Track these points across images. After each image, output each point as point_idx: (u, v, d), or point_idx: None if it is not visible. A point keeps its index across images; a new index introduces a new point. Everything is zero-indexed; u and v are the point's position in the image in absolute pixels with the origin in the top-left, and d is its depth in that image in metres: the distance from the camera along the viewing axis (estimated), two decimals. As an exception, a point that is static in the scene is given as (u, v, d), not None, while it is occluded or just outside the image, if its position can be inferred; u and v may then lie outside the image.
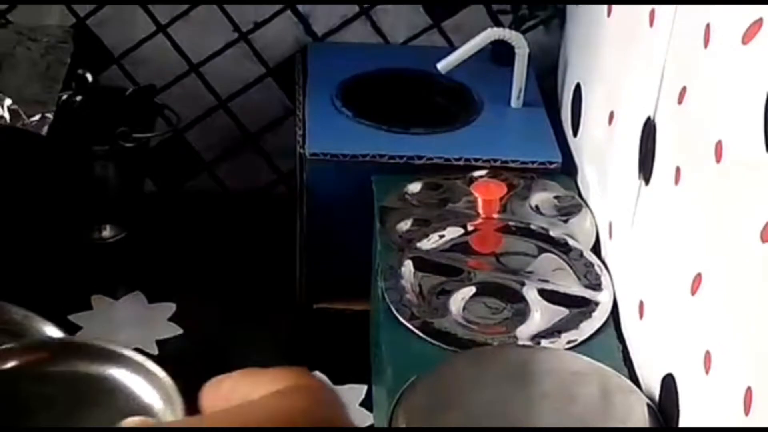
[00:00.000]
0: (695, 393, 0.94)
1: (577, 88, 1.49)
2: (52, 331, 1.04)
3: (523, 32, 1.57)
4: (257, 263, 1.65)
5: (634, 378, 1.10)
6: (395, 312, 1.21)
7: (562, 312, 1.21)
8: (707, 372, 0.90)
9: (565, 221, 1.37)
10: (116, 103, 1.62)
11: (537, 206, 1.40)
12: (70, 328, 1.44)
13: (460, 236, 1.34)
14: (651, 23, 1.15)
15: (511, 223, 1.35)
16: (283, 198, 1.71)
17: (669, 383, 1.00)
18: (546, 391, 1.06)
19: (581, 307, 1.22)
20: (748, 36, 0.87)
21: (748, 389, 0.82)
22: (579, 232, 1.35)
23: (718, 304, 0.90)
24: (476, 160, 1.45)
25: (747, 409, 0.82)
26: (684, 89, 1.03)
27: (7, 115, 1.43)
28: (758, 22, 0.86)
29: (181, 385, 0.52)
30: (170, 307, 1.53)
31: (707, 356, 0.90)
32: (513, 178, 1.43)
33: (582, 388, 1.04)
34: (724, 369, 0.88)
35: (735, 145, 0.89)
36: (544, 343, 1.16)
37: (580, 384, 1.05)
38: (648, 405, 1.03)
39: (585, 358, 1.10)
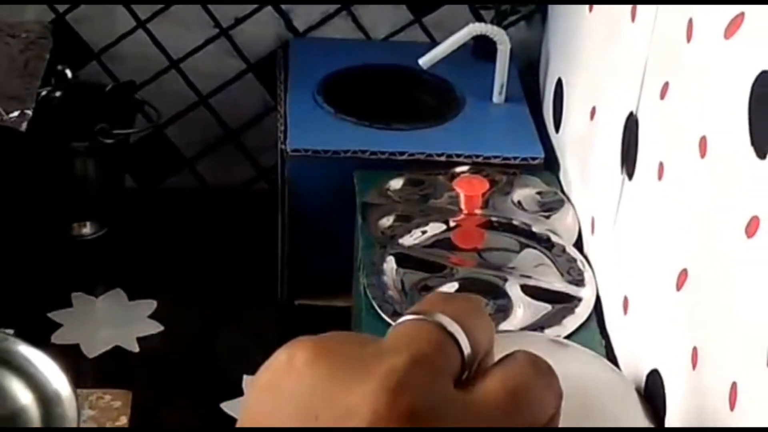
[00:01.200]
0: (682, 388, 0.94)
1: (559, 83, 1.49)
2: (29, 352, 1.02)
3: (505, 27, 1.57)
4: (238, 259, 1.65)
5: (617, 373, 1.10)
6: (377, 308, 1.20)
7: (545, 308, 1.21)
8: (694, 367, 0.90)
9: (548, 217, 1.37)
10: (96, 100, 1.61)
11: (519, 202, 1.39)
12: (50, 326, 1.44)
13: (442, 232, 1.34)
14: (633, 18, 1.15)
15: (493, 219, 1.35)
16: (265, 194, 1.70)
17: (655, 378, 1.00)
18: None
19: (564, 302, 1.21)
20: (730, 30, 0.87)
21: (733, 384, 0.82)
22: (561, 227, 1.35)
23: (704, 299, 0.90)
24: (458, 155, 1.45)
25: (732, 404, 0.83)
26: (666, 84, 1.03)
27: (-15, 112, 1.42)
28: (740, 17, 0.86)
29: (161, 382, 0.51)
30: (151, 304, 1.52)
31: (694, 351, 0.90)
32: (495, 173, 1.42)
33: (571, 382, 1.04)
34: (710, 364, 0.88)
35: (719, 141, 0.89)
36: (527, 338, 1.15)
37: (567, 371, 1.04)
38: (638, 392, 1.02)
39: (572, 344, 1.09)
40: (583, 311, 1.20)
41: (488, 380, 0.40)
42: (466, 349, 0.40)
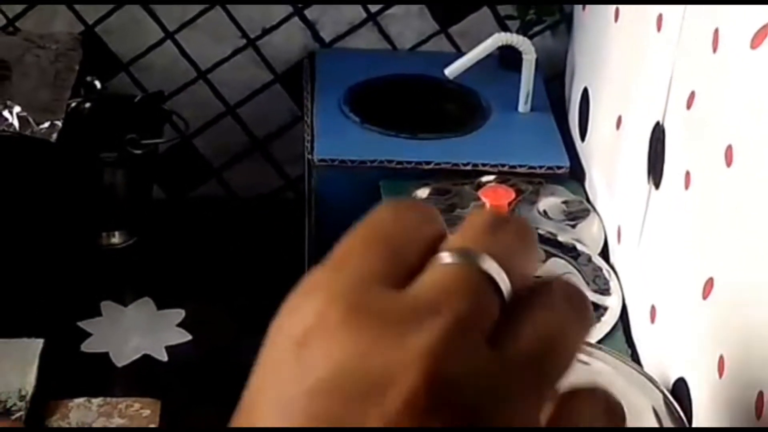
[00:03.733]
0: (708, 397, 0.94)
1: (585, 92, 1.49)
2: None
3: (531, 37, 1.58)
4: (266, 269, 1.66)
5: (644, 382, 1.10)
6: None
7: (571, 317, 1.21)
8: (720, 376, 0.91)
9: (574, 226, 1.38)
10: (125, 110, 1.62)
11: (545, 211, 1.40)
12: (80, 335, 1.45)
13: (468, 241, 1.34)
14: (659, 28, 1.15)
15: (519, 228, 1.35)
16: (292, 203, 1.71)
17: (681, 387, 1.00)
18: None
19: (590, 311, 1.22)
20: (757, 41, 0.88)
21: (760, 393, 0.83)
22: (587, 236, 1.36)
23: (730, 308, 0.90)
24: (484, 165, 1.46)
25: (759, 413, 0.83)
26: (693, 94, 1.03)
27: (16, 123, 1.43)
28: (766, 28, 0.86)
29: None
30: (179, 314, 1.53)
31: (721, 360, 0.90)
32: (521, 183, 1.43)
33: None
34: (736, 373, 0.88)
35: (745, 150, 0.89)
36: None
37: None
38: (664, 398, 1.02)
39: (599, 352, 1.09)
40: (609, 320, 1.20)
41: (521, 330, 0.38)
42: (507, 295, 0.39)
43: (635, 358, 1.15)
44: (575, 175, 1.47)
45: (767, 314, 0.83)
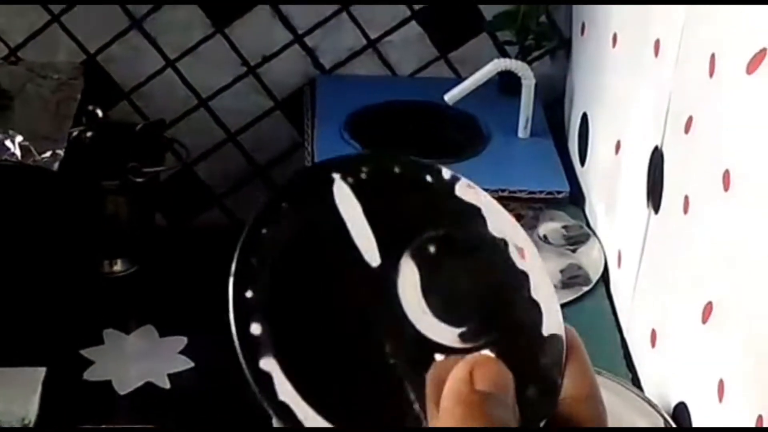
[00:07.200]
0: (709, 421, 0.95)
1: (584, 117, 1.50)
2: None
3: (530, 63, 1.58)
4: (267, 295, 1.66)
5: (645, 406, 1.10)
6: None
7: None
8: (720, 400, 0.91)
9: (574, 251, 1.38)
10: (126, 139, 1.63)
11: (545, 236, 1.40)
12: (82, 363, 1.45)
13: (469, 266, 1.34)
14: (656, 53, 1.16)
15: (520, 253, 1.36)
16: (293, 230, 1.71)
17: (682, 411, 1.00)
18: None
19: (591, 336, 1.22)
20: (753, 66, 0.88)
21: (759, 417, 0.83)
22: (587, 261, 1.36)
23: (729, 332, 0.91)
24: (484, 190, 1.46)
25: (759, 437, 0.83)
26: (690, 119, 1.03)
27: (18, 152, 1.44)
28: (762, 52, 0.87)
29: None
30: (181, 341, 1.53)
31: (721, 384, 0.91)
32: (521, 208, 1.43)
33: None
34: (736, 397, 0.88)
35: (742, 175, 0.90)
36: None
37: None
38: (665, 422, 1.02)
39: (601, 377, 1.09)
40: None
41: None
42: None
43: (636, 382, 1.15)
44: (575, 199, 1.47)
45: (766, 337, 0.83)
